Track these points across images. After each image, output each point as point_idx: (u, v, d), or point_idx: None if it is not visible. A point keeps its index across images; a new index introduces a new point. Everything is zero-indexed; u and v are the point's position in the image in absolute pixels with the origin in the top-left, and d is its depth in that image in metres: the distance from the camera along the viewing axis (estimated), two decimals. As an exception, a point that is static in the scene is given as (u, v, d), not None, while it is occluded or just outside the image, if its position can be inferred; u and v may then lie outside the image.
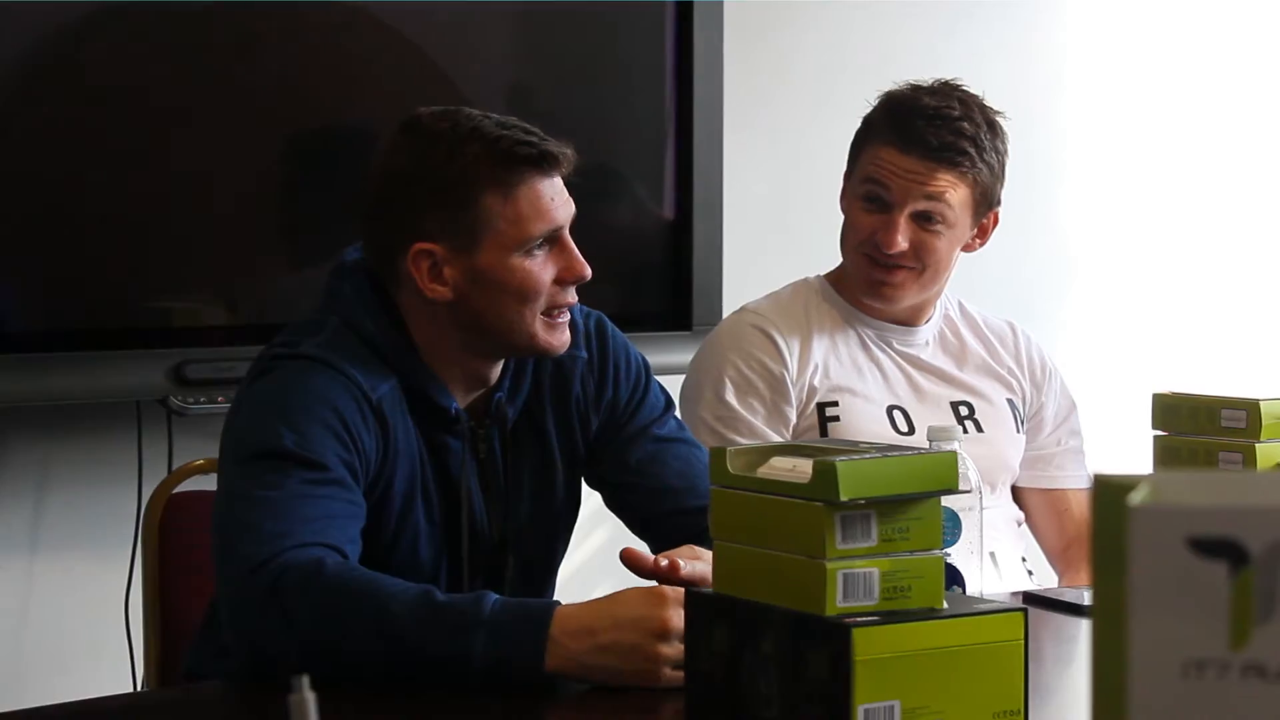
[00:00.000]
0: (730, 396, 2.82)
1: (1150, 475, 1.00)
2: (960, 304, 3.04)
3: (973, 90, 2.90)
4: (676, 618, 1.93)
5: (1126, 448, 3.28)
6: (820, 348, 2.88)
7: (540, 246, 2.23)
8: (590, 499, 2.48)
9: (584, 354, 2.36)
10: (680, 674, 1.89)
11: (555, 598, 2.08)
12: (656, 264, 3.69)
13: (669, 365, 3.38)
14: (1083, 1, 4.45)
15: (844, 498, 1.68)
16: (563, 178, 2.25)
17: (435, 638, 1.96)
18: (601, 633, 1.96)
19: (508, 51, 3.68)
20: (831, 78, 4.06)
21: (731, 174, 3.74)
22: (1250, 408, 2.30)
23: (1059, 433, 3.01)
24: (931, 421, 2.79)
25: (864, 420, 2.84)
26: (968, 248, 2.90)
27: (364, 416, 2.19)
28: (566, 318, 2.27)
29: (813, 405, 2.83)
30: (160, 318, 3.29)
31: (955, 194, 2.82)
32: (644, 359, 2.44)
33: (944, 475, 1.74)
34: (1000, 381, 2.97)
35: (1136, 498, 0.96)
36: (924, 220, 2.82)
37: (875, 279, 2.86)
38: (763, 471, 1.77)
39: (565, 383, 2.36)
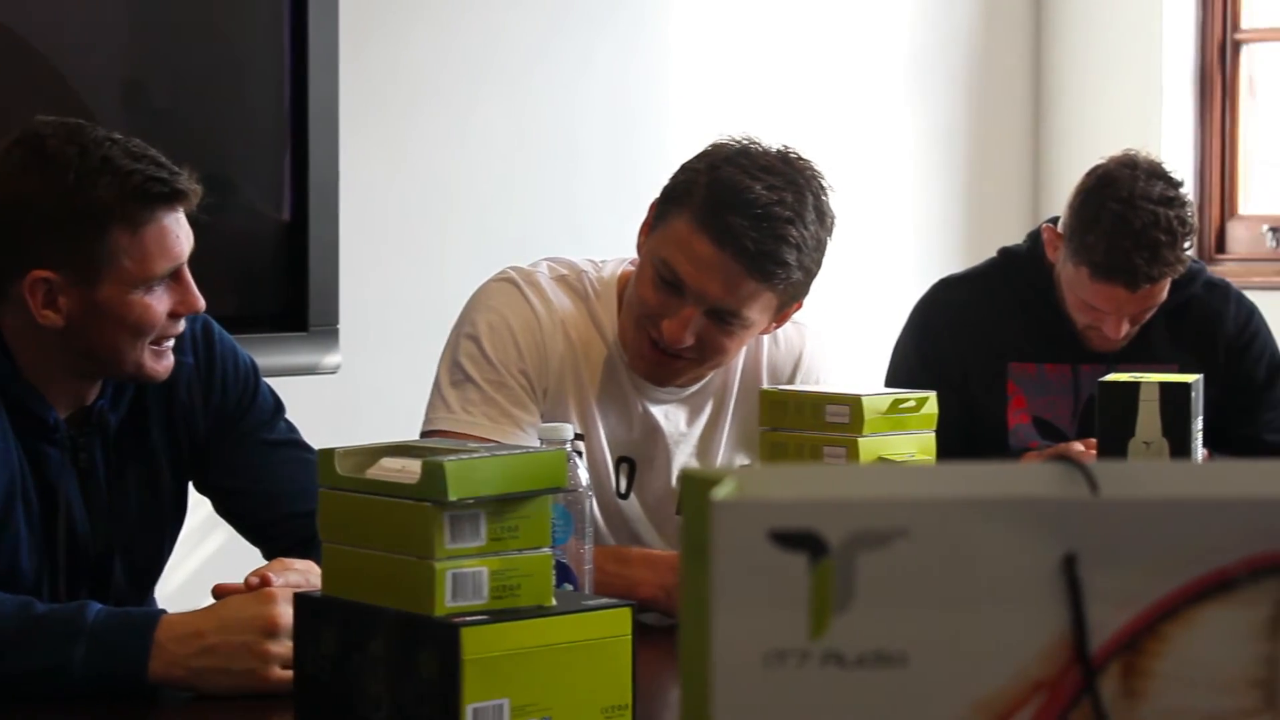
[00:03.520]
0: (491, 353, 2.51)
1: (736, 470, 1.03)
2: (758, 345, 2.66)
3: (811, 164, 2.50)
4: (285, 615, 1.92)
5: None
6: (575, 391, 2.56)
7: (160, 282, 2.19)
8: (201, 506, 2.43)
9: (190, 360, 2.31)
10: (290, 674, 1.88)
11: (163, 607, 2.04)
12: (272, 265, 3.64)
13: (285, 366, 3.34)
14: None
15: (453, 497, 1.69)
16: (187, 210, 2.21)
17: (34, 648, 1.92)
18: (209, 634, 1.95)
19: (123, 47, 3.59)
20: (438, 66, 4.06)
21: (347, 172, 3.71)
22: (853, 403, 2.35)
23: None
24: (654, 489, 2.61)
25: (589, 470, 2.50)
26: (763, 331, 2.57)
27: (-43, 426, 2.12)
28: (172, 344, 2.24)
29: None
30: None
31: (759, 300, 2.47)
32: (253, 362, 2.40)
33: (553, 474, 1.76)
34: (753, 447, 2.60)
35: (720, 492, 0.98)
36: (717, 318, 2.48)
37: (649, 357, 2.54)
38: (371, 472, 1.76)
39: (171, 389, 2.31)
